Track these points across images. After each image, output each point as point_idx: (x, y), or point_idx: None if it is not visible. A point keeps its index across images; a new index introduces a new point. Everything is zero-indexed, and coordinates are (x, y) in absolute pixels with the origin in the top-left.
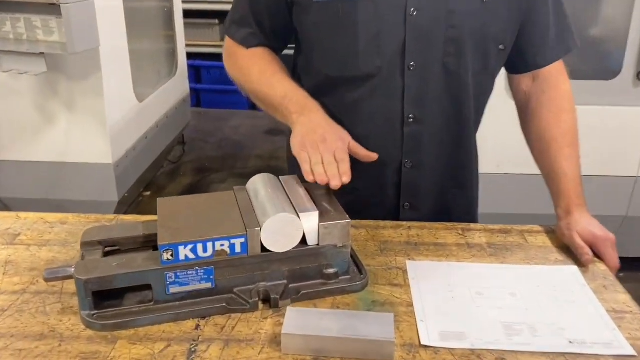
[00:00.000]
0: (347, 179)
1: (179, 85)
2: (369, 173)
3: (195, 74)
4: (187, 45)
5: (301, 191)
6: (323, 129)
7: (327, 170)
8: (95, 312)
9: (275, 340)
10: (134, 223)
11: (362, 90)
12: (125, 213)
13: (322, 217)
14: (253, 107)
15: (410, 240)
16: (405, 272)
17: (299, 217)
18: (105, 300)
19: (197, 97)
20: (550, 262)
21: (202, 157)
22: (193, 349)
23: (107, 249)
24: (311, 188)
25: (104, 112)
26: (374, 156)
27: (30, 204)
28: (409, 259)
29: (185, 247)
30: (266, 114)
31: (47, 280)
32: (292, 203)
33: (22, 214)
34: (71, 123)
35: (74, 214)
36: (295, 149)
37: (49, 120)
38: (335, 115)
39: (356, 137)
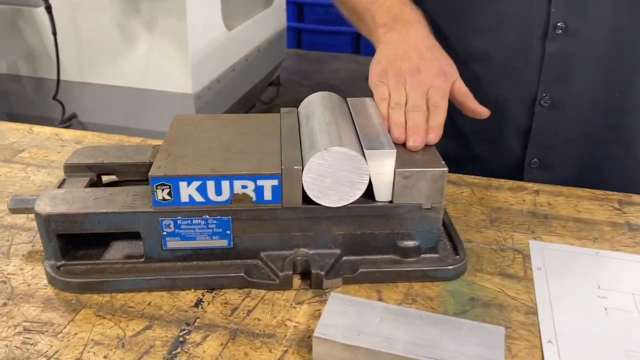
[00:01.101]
0: (435, 137)
1: (274, 18)
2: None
3: (297, 11)
4: None
5: (376, 120)
6: (419, 54)
7: (409, 118)
8: (63, 263)
9: (307, 342)
10: (143, 146)
11: None
12: None
13: (403, 159)
14: (356, 50)
15: (537, 210)
16: (527, 257)
17: (364, 156)
18: (81, 248)
19: (297, 38)
20: None
21: (297, 100)
22: (181, 338)
23: (105, 178)
24: None
25: (187, 37)
26: (485, 113)
27: (110, 131)
28: (534, 238)
29: (189, 185)
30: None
31: (12, 210)
32: (357, 135)
33: (37, 128)
34: (152, 46)
35: (94, 132)
36: (373, 79)
37: (130, 41)
38: (442, 25)
39: (469, 57)
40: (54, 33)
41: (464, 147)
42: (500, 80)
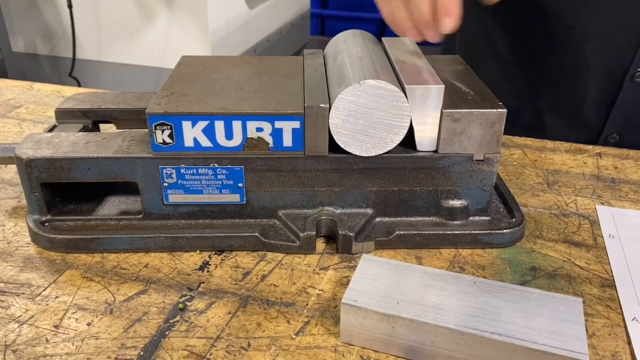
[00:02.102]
0: (452, 22)
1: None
2: (562, 82)
3: None
4: None
5: (417, 58)
6: None
7: (415, 11)
8: (48, 218)
9: (332, 312)
10: (145, 93)
11: None
12: None
13: (451, 99)
14: (381, 37)
15: (602, 173)
16: (595, 224)
17: (404, 93)
18: (71, 203)
19: (321, 24)
20: None
21: None
22: (181, 305)
23: (106, 127)
24: (441, 61)
25: (207, 14)
26: None
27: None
28: (602, 204)
29: (193, 125)
30: None
31: None
32: (395, 72)
33: (37, 85)
34: (171, 24)
35: (99, 89)
36: None
37: (149, 18)
38: None
39: (556, 18)
40: (70, 6)
41: (536, 118)
42: (587, 47)
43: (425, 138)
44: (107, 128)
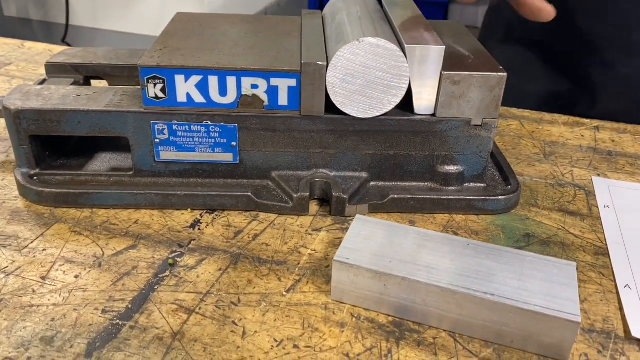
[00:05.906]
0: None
1: None
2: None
3: None
4: None
5: (418, 21)
6: None
7: None
8: (37, 172)
9: (324, 272)
10: (138, 50)
11: None
12: None
13: (451, 61)
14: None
15: (599, 146)
16: (590, 194)
17: (403, 52)
18: (61, 158)
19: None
20: None
21: None
22: (171, 261)
23: (97, 84)
24: (443, 26)
25: None
26: (549, 12)
27: None
28: (598, 175)
29: (187, 79)
30: None
31: None
32: (395, 32)
33: (28, 43)
34: None
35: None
36: None
37: None
38: None
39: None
40: None
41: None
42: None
43: (424, 100)
44: (99, 85)
